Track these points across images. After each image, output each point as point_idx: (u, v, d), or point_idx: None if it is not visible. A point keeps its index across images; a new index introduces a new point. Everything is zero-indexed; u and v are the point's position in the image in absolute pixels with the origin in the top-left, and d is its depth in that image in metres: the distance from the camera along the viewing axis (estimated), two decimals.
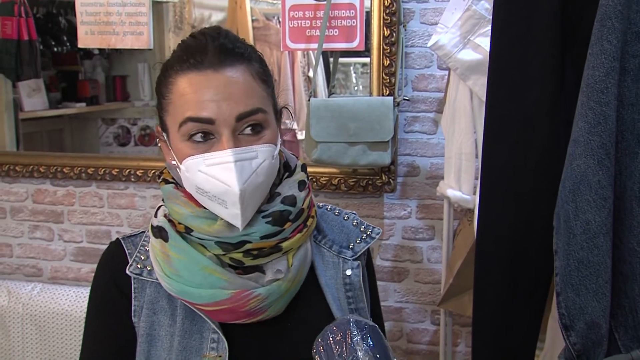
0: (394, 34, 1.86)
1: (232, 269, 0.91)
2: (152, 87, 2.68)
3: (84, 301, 2.05)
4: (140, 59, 2.67)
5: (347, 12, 1.86)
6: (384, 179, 1.95)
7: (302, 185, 0.96)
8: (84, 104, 2.70)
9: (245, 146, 0.88)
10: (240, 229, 0.88)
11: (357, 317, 0.84)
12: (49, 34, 2.65)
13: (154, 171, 2.12)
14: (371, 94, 1.91)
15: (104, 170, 2.17)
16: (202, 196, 0.90)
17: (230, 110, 0.86)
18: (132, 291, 0.94)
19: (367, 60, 1.97)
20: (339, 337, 0.81)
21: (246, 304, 0.89)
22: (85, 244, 2.26)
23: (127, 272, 0.95)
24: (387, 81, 1.89)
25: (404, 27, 1.87)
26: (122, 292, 0.95)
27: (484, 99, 1.09)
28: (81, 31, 2.08)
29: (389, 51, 1.87)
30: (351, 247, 1.03)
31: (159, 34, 2.39)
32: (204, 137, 0.88)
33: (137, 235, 1.00)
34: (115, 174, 2.16)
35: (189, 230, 0.91)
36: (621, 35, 0.82)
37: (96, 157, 2.30)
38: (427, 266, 2.02)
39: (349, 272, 1.00)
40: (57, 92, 2.68)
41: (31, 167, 2.23)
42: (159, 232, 0.93)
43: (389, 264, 2.03)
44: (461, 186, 1.69)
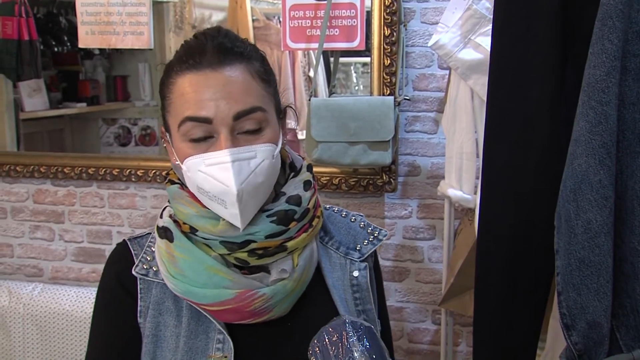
0: (395, 34, 1.86)
1: (237, 269, 0.91)
2: (153, 87, 2.69)
3: (84, 301, 2.06)
4: (140, 59, 2.66)
5: (348, 11, 1.86)
6: (384, 178, 1.95)
7: (307, 185, 0.96)
8: (84, 104, 2.70)
9: (244, 145, 0.87)
10: (240, 228, 0.88)
11: (352, 318, 0.84)
12: (49, 33, 2.64)
13: (154, 171, 2.13)
14: (372, 94, 1.91)
15: (104, 170, 2.17)
16: (203, 196, 0.90)
17: (228, 109, 0.86)
18: (138, 292, 0.95)
19: (367, 59, 1.97)
20: (335, 338, 0.80)
21: (251, 304, 0.88)
22: (86, 244, 2.26)
23: (133, 272, 0.95)
24: (388, 81, 1.89)
25: (404, 26, 1.87)
26: (128, 293, 0.95)
27: (485, 99, 1.09)
28: (82, 31, 2.08)
29: (389, 51, 1.87)
30: (358, 248, 1.03)
31: (160, 33, 2.39)
32: (203, 136, 0.88)
33: (143, 236, 1.01)
34: (116, 174, 2.16)
35: (194, 230, 0.91)
36: (622, 34, 0.81)
37: (97, 157, 2.30)
38: (428, 266, 2.02)
39: (356, 274, 1.00)
40: (57, 92, 2.68)
41: (32, 167, 2.23)
42: (164, 233, 0.93)
43: (390, 263, 2.03)
44: (462, 186, 1.69)
